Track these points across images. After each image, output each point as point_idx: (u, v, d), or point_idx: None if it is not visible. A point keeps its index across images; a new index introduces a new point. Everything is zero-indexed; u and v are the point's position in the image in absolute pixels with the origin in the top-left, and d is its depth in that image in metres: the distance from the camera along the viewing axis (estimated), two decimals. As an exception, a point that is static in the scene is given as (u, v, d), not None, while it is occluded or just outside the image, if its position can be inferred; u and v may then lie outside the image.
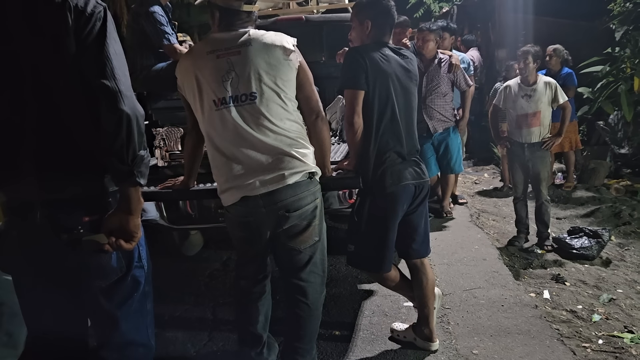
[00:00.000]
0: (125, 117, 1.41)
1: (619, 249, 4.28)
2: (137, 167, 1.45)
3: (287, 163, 2.03)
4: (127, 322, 1.64)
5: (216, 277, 3.92)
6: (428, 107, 4.63)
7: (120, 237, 1.49)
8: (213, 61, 2.02)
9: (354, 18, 2.51)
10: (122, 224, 1.49)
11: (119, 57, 1.47)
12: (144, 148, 1.49)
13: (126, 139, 1.42)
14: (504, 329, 2.89)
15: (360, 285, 3.57)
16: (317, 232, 2.16)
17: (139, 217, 1.53)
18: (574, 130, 5.89)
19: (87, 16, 1.43)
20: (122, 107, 1.41)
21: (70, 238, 1.48)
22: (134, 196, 1.49)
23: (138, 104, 1.48)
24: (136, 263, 1.64)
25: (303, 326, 2.23)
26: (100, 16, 1.45)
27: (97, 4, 1.47)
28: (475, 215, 5.20)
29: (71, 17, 1.41)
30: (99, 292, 1.58)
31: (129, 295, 1.63)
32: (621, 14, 6.06)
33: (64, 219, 1.49)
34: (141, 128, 1.47)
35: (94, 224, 1.50)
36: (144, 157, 1.48)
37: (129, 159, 1.43)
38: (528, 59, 4.01)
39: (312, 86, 2.16)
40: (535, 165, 4.15)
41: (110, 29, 1.47)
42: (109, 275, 1.58)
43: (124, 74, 1.46)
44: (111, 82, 1.41)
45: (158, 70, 3.34)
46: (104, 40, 1.43)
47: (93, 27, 1.43)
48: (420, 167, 2.51)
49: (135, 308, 1.65)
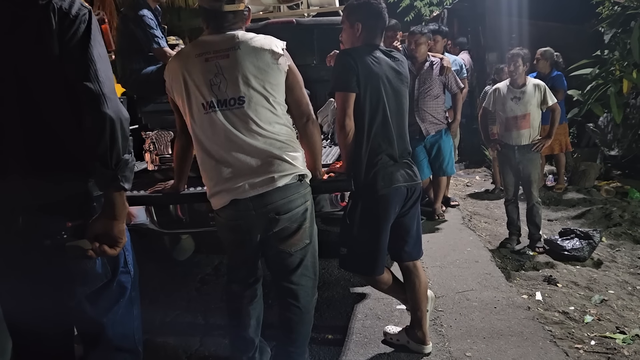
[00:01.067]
0: (109, 120, 1.39)
1: (609, 250, 4.30)
2: (122, 172, 1.43)
3: (277, 166, 2.02)
4: (114, 329, 1.62)
5: (208, 281, 3.89)
6: (420, 110, 4.64)
7: (105, 243, 1.46)
8: (201, 64, 2.01)
9: (344, 20, 2.50)
10: (107, 229, 1.46)
11: (103, 60, 1.45)
12: (129, 152, 1.47)
13: (110, 142, 1.40)
14: (497, 331, 2.89)
15: (352, 288, 3.55)
16: (307, 235, 2.15)
17: (124, 222, 1.51)
18: (564, 132, 5.93)
19: (71, 18, 1.41)
20: (105, 110, 1.39)
21: (53, 243, 1.46)
22: (119, 201, 1.46)
23: (122, 108, 1.45)
24: (122, 268, 1.62)
25: (295, 330, 2.22)
26: (85, 19, 1.43)
27: (82, 7, 1.45)
28: (467, 218, 5.20)
29: (55, 20, 1.39)
30: (84, 298, 1.55)
31: (115, 301, 1.61)
32: (609, 17, 6.12)
33: (47, 224, 1.47)
34: (125, 132, 1.45)
35: (78, 229, 1.47)
36: (128, 161, 1.45)
37: (112, 163, 1.41)
38: (518, 61, 4.03)
39: (302, 90, 2.15)
40: (525, 168, 4.16)
41: (95, 32, 1.45)
42: (94, 281, 1.56)
43: (108, 77, 1.44)
44: (95, 85, 1.39)
45: (148, 73, 3.32)
46: (87, 43, 1.41)
47: (77, 29, 1.41)
48: (412, 169, 2.50)
49: (121, 314, 1.63)
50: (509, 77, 4.21)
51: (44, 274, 1.51)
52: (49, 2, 1.40)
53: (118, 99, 1.46)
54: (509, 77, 4.21)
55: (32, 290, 1.53)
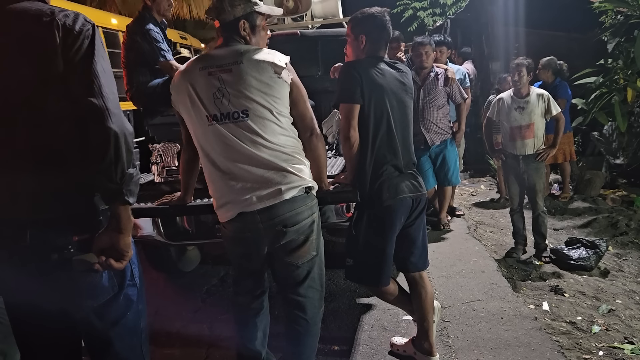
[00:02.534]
0: (113, 135, 1.39)
1: (616, 259, 4.28)
2: (127, 186, 1.43)
3: (284, 178, 2.03)
4: (121, 342, 1.62)
5: (214, 293, 3.89)
6: (425, 120, 4.66)
7: (111, 256, 1.47)
8: (205, 78, 2.03)
9: (349, 33, 2.53)
10: (113, 243, 1.47)
11: (107, 74, 1.45)
12: (133, 166, 1.47)
13: (114, 157, 1.40)
14: (504, 341, 2.88)
15: (359, 299, 3.55)
16: (314, 247, 2.15)
17: (130, 235, 1.51)
18: (569, 141, 5.92)
19: (75, 34, 1.42)
20: (109, 125, 1.39)
21: (60, 258, 1.47)
22: (124, 215, 1.47)
23: (127, 122, 1.46)
24: (128, 281, 1.62)
25: (302, 342, 2.21)
26: (89, 34, 1.44)
27: (86, 22, 1.46)
28: (473, 227, 5.19)
29: (59, 36, 1.41)
30: (92, 312, 1.56)
31: (122, 314, 1.61)
32: (613, 26, 6.14)
33: (54, 239, 1.48)
34: (130, 146, 1.45)
35: (84, 243, 1.48)
36: (133, 176, 1.45)
37: (117, 178, 1.41)
38: (522, 71, 4.04)
39: (306, 103, 2.16)
40: (530, 177, 4.16)
41: (99, 46, 1.45)
42: (101, 295, 1.56)
43: (112, 91, 1.45)
44: (99, 100, 1.39)
45: (154, 86, 3.35)
46: (91, 58, 1.42)
47: (81, 45, 1.42)
48: (418, 180, 2.51)
49: (128, 327, 1.63)
50: (512, 86, 4.22)
51: (51, 288, 1.52)
52: (53, 18, 1.42)
53: (122, 113, 1.46)
54: (512, 86, 4.22)
55: (40, 303, 1.53)
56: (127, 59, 3.41)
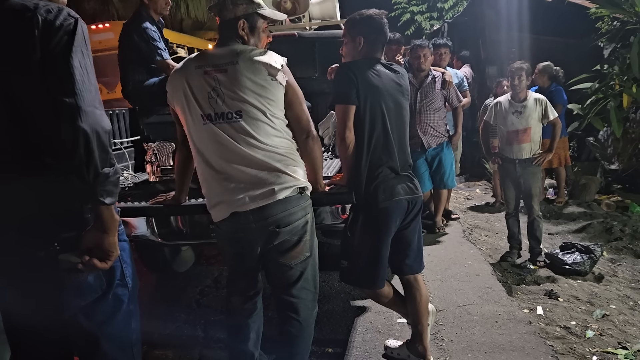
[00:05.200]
0: (82, 134, 1.36)
1: (611, 264, 4.28)
2: (101, 186, 1.40)
3: (277, 178, 2.02)
4: (110, 342, 1.60)
5: (207, 293, 3.87)
6: (422, 123, 4.67)
7: (96, 256, 1.46)
8: (200, 77, 2.02)
9: (346, 34, 2.52)
10: (97, 243, 1.46)
11: (84, 71, 1.42)
12: (110, 165, 1.42)
13: (85, 156, 1.37)
14: (498, 345, 2.87)
15: (353, 301, 3.54)
16: (308, 248, 2.14)
17: (115, 235, 1.49)
18: (564, 146, 5.94)
19: (54, 29, 1.40)
20: (79, 123, 1.36)
21: (46, 255, 1.45)
22: (106, 214, 1.45)
23: (103, 119, 1.42)
24: (118, 281, 1.60)
25: (294, 343, 2.20)
26: (69, 29, 1.41)
27: (68, 17, 1.43)
28: (468, 231, 5.20)
29: (38, 31, 1.38)
30: (79, 311, 1.54)
31: (111, 315, 1.60)
32: (609, 32, 6.15)
33: (40, 235, 1.46)
34: (104, 145, 1.41)
35: (71, 241, 1.46)
36: (108, 175, 1.41)
37: (90, 177, 1.38)
38: (522, 75, 4.05)
39: (302, 105, 2.14)
40: (526, 181, 4.16)
41: (79, 42, 1.42)
42: (88, 294, 1.55)
43: (87, 88, 1.41)
44: (70, 98, 1.36)
45: (150, 85, 3.33)
46: (69, 54, 1.39)
47: (60, 40, 1.39)
48: (413, 182, 2.51)
49: (118, 327, 1.62)
50: (510, 90, 4.23)
51: (38, 284, 1.50)
52: (34, 14, 1.40)
53: (99, 110, 1.43)
54: (510, 90, 4.23)
55: (29, 300, 1.52)
56: (123, 58, 3.39)
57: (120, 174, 1.48)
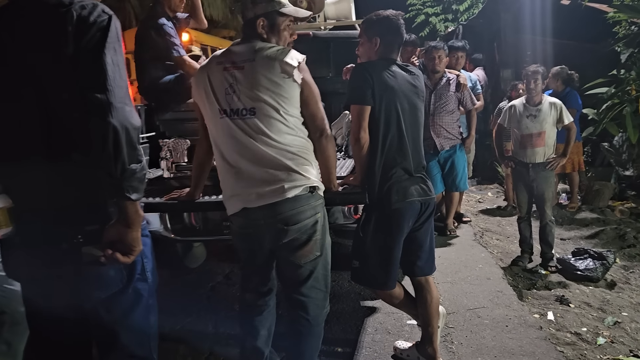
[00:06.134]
0: (112, 130, 1.37)
1: (623, 271, 4.25)
2: (128, 182, 1.41)
3: (288, 176, 2.03)
4: (129, 335, 1.61)
5: (218, 290, 3.90)
6: (435, 125, 4.66)
7: (119, 250, 1.47)
8: (220, 73, 2.06)
9: (362, 34, 2.53)
10: (120, 237, 1.47)
11: (116, 67, 1.43)
12: (137, 161, 1.43)
13: (114, 152, 1.38)
14: (508, 349, 2.86)
15: (363, 301, 3.54)
16: (318, 247, 2.14)
17: (138, 230, 1.51)
18: (578, 151, 5.89)
19: (88, 25, 1.41)
20: (109, 119, 1.37)
21: (70, 247, 1.47)
22: (131, 209, 1.46)
23: (132, 116, 1.43)
24: (138, 275, 1.61)
25: (304, 342, 2.21)
26: (103, 25, 1.43)
27: (103, 13, 1.45)
28: (479, 234, 5.17)
29: (72, 27, 1.40)
30: (99, 303, 1.56)
31: (130, 308, 1.61)
32: (626, 36, 6.11)
33: (64, 228, 1.48)
34: (132, 141, 1.42)
35: (94, 234, 1.48)
36: (135, 171, 1.42)
37: (117, 173, 1.39)
38: (538, 79, 4.03)
39: (318, 104, 2.14)
40: (539, 186, 4.14)
41: (112, 38, 1.43)
42: (108, 287, 1.56)
43: (119, 85, 1.42)
44: (101, 94, 1.38)
45: (166, 82, 3.36)
46: (102, 50, 1.40)
47: (93, 36, 1.41)
48: (427, 183, 2.50)
49: (137, 321, 1.63)
50: (525, 94, 4.20)
51: (60, 275, 1.52)
52: (69, 9, 1.41)
53: (129, 107, 1.44)
54: (525, 94, 4.20)
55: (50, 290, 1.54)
56: (140, 54, 3.42)
57: (147, 170, 1.49)
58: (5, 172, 1.56)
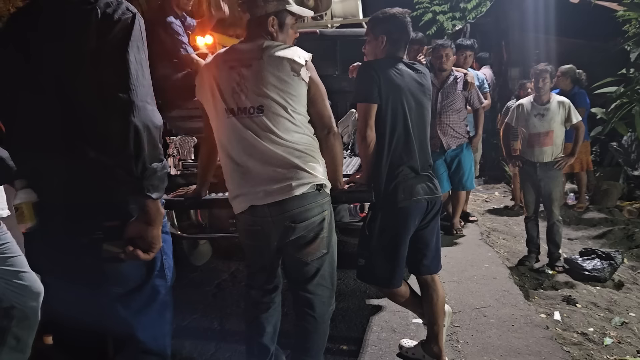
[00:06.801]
0: (133, 129, 1.36)
1: (631, 271, 4.22)
2: (149, 181, 1.40)
3: (295, 174, 2.03)
4: (144, 331, 1.61)
5: (224, 287, 3.91)
6: (442, 123, 4.64)
7: (140, 247, 1.46)
8: (226, 71, 2.06)
9: (369, 32, 2.52)
10: (142, 234, 1.46)
11: (139, 65, 1.42)
12: (158, 160, 1.43)
13: (135, 151, 1.37)
14: (514, 349, 2.85)
15: (368, 300, 3.54)
16: (325, 245, 2.15)
17: (159, 227, 1.50)
18: (586, 151, 5.86)
19: (112, 22, 1.40)
20: (131, 118, 1.35)
21: (90, 241, 1.48)
22: (152, 207, 1.45)
23: (154, 115, 1.42)
24: (157, 272, 1.61)
25: (310, 339, 2.21)
26: (127, 23, 1.42)
27: (127, 11, 1.44)
28: (486, 234, 5.16)
29: (96, 23, 1.40)
30: (117, 298, 1.56)
31: (147, 304, 1.61)
32: (636, 35, 6.05)
33: (85, 223, 1.48)
34: (154, 140, 1.41)
35: (115, 230, 1.48)
36: (156, 170, 1.41)
37: (138, 172, 1.38)
38: (546, 77, 4.00)
39: (325, 102, 2.15)
40: (547, 185, 4.11)
41: (136, 36, 1.42)
42: (127, 282, 1.56)
43: (141, 83, 1.41)
44: (124, 93, 1.36)
45: (173, 80, 3.37)
46: (125, 48, 1.39)
47: (116, 34, 1.40)
48: (433, 182, 2.50)
49: (153, 317, 1.63)
50: (533, 93, 4.18)
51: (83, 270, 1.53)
52: (94, 7, 1.41)
53: (151, 105, 1.43)
54: (533, 93, 4.18)
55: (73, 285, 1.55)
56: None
57: (168, 169, 1.48)
58: (28, 166, 1.57)
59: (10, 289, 2.47)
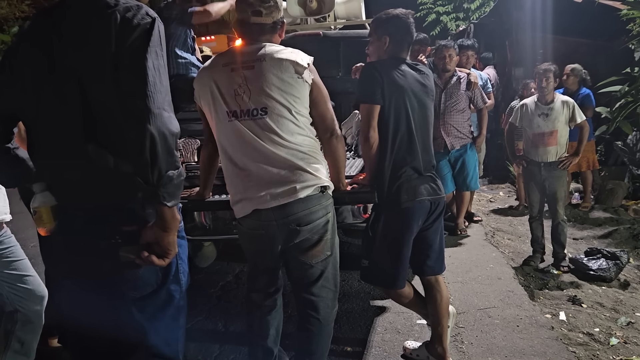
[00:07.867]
0: (149, 137, 1.33)
1: (637, 271, 4.20)
2: (165, 188, 1.38)
3: (299, 176, 2.03)
4: (158, 335, 1.61)
5: (228, 289, 3.91)
6: (446, 124, 4.64)
7: (155, 252, 1.46)
8: (227, 74, 2.05)
9: (372, 33, 2.52)
10: (157, 239, 1.46)
11: (157, 72, 1.39)
12: (175, 167, 1.39)
13: (150, 159, 1.34)
14: (519, 349, 2.84)
15: (372, 301, 3.54)
16: (329, 247, 2.15)
17: (175, 234, 1.48)
18: (591, 150, 5.83)
19: (131, 27, 1.39)
20: (147, 125, 1.33)
21: (108, 245, 1.48)
22: (168, 214, 1.43)
23: (171, 122, 1.39)
24: (172, 277, 1.61)
25: (314, 341, 2.21)
26: (146, 28, 1.40)
27: (146, 16, 1.42)
28: (490, 234, 5.14)
29: (116, 29, 1.39)
30: (132, 302, 1.56)
31: (161, 309, 1.61)
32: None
33: (103, 227, 1.48)
34: (170, 147, 1.37)
35: (132, 235, 1.48)
36: (172, 178, 1.38)
37: (153, 179, 1.36)
38: (550, 77, 3.99)
39: (327, 104, 2.15)
40: (551, 185, 4.10)
41: (154, 42, 1.41)
42: (143, 287, 1.56)
43: (159, 90, 1.38)
44: (141, 100, 1.34)
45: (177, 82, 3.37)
46: (143, 54, 1.37)
47: (135, 39, 1.39)
48: (436, 182, 2.49)
49: (167, 322, 1.63)
50: (537, 92, 4.17)
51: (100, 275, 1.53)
52: (113, 11, 1.40)
53: (167, 112, 1.40)
54: (537, 92, 4.17)
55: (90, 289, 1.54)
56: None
57: (184, 175, 1.47)
58: (49, 169, 1.58)
59: (14, 292, 2.48)
